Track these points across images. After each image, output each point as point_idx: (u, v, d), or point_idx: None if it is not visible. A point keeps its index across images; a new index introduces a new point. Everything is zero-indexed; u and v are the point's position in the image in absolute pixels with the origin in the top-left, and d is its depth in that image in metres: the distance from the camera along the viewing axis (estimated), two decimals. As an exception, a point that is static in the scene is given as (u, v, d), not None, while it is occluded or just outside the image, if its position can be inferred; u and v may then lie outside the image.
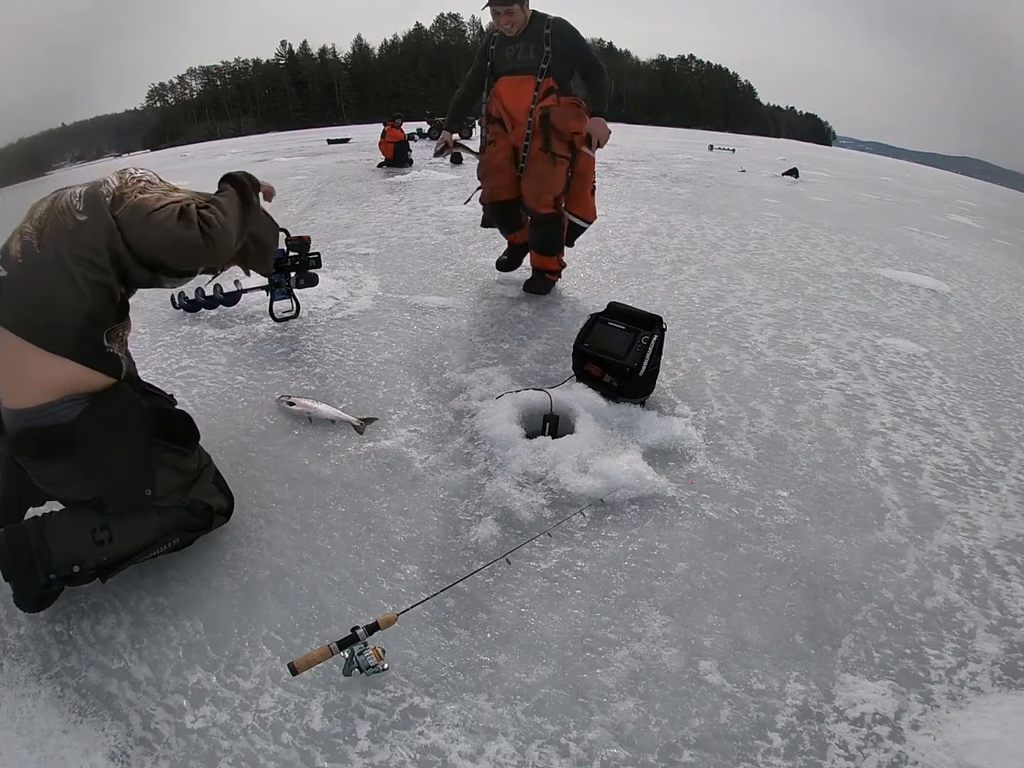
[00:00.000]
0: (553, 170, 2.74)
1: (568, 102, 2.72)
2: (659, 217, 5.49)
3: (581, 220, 3.00)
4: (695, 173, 10.03)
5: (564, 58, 2.66)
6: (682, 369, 2.43)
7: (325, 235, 4.48)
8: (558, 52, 2.65)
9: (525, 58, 2.70)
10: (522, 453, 1.79)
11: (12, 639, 1.29)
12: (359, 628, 1.17)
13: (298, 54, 74.77)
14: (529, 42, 2.69)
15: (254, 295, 2.84)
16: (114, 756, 1.07)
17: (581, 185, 2.89)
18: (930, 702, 1.18)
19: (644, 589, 1.41)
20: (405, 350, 2.52)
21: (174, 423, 1.43)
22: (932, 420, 2.20)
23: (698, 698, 1.18)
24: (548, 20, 2.68)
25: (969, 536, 1.62)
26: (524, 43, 2.70)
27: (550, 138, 2.70)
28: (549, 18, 2.69)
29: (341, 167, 9.84)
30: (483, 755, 1.08)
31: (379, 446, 1.88)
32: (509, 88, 2.78)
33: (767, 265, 4.10)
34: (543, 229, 2.94)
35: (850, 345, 2.80)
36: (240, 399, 2.12)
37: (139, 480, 1.31)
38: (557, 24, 2.68)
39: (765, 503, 1.69)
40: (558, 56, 2.66)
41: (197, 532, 1.45)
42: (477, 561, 1.46)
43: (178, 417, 1.46)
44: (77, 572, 1.25)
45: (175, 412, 1.48)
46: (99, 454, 1.25)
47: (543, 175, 2.75)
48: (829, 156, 26.77)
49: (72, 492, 1.30)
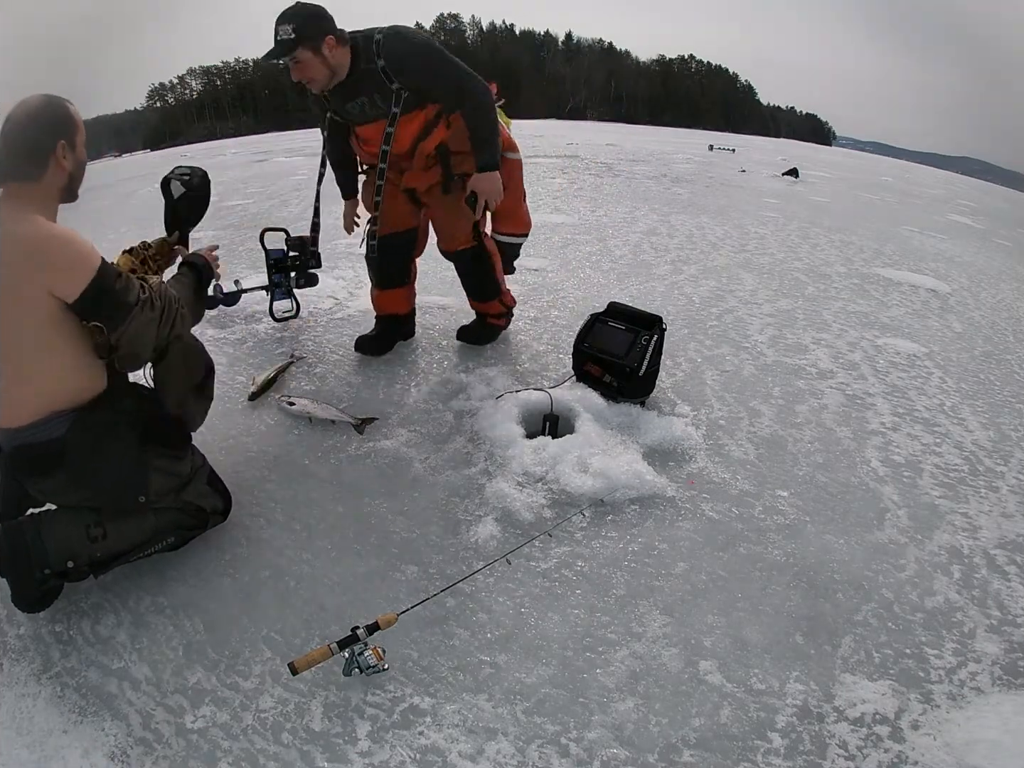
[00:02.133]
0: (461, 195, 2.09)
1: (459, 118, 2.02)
2: (659, 217, 5.48)
3: (511, 237, 2.45)
4: (695, 173, 10.02)
5: (421, 87, 1.93)
6: (682, 369, 2.43)
7: (325, 235, 4.46)
8: (410, 84, 1.91)
9: (375, 110, 1.97)
10: (522, 453, 1.79)
11: (12, 639, 1.29)
12: (359, 628, 1.17)
13: (298, 54, 74.59)
14: (367, 89, 1.92)
15: (254, 295, 2.84)
16: (114, 756, 1.07)
17: (513, 198, 2.27)
18: (930, 702, 1.18)
19: (644, 589, 1.41)
20: (405, 350, 2.51)
21: (165, 427, 1.42)
22: (932, 420, 2.20)
23: (698, 698, 1.18)
24: (378, 46, 1.88)
25: (969, 536, 1.62)
26: (363, 94, 1.94)
27: (450, 164, 2.12)
28: (378, 41, 1.88)
29: (341, 167, 9.82)
30: (483, 755, 1.08)
31: (379, 446, 1.88)
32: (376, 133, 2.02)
33: (767, 265, 4.10)
34: (469, 269, 2.38)
35: (850, 345, 2.80)
36: (240, 399, 2.12)
37: (131, 487, 1.32)
38: (389, 50, 1.88)
39: (765, 503, 1.69)
40: (414, 88, 1.92)
41: (193, 531, 1.45)
42: (477, 561, 1.46)
43: (168, 421, 1.45)
44: (71, 568, 1.26)
45: (165, 416, 1.45)
46: (90, 464, 1.26)
47: (451, 207, 2.17)
48: (829, 156, 26.74)
49: (70, 502, 1.32)
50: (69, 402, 1.24)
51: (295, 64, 1.84)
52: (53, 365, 1.22)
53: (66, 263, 1.17)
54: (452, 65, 1.95)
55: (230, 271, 3.51)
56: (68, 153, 1.21)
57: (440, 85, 1.95)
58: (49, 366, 1.21)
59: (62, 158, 1.20)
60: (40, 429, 1.22)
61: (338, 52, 1.86)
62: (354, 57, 1.90)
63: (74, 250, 1.18)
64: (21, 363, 1.21)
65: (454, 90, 1.96)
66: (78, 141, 1.24)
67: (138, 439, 1.33)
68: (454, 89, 1.96)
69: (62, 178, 1.22)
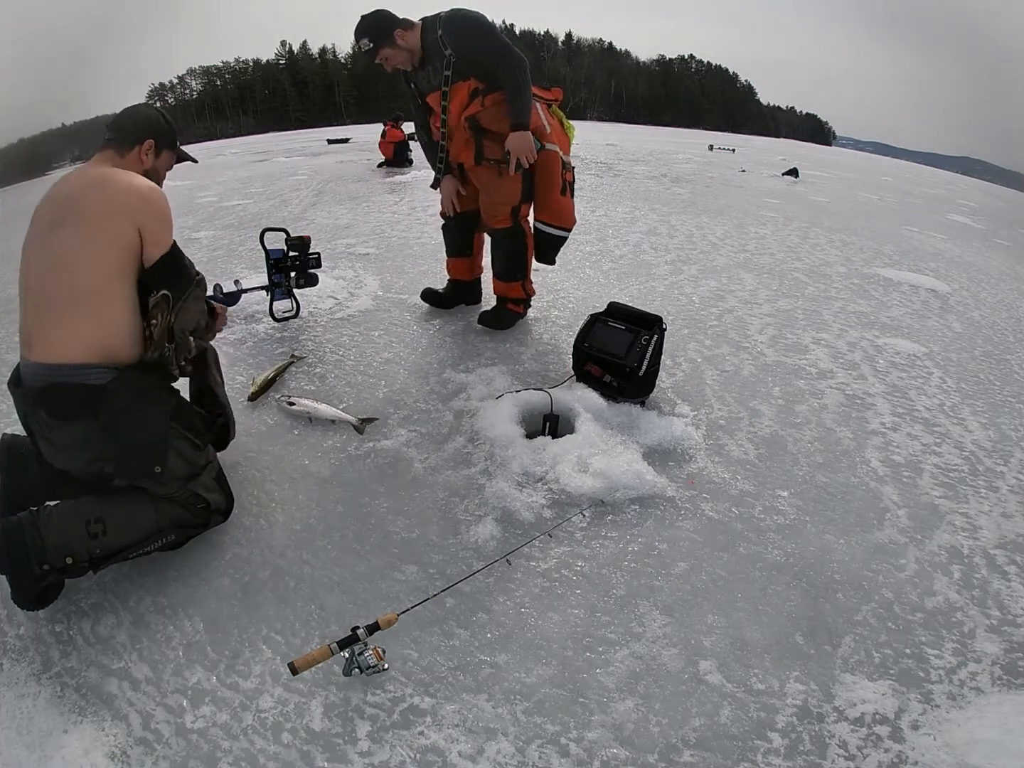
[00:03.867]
0: (499, 179, 2.39)
1: (496, 99, 2.32)
2: (659, 217, 5.48)
3: (553, 228, 2.54)
4: (695, 173, 10.02)
5: (467, 55, 2.27)
6: (682, 369, 2.43)
7: (325, 235, 4.48)
8: (459, 52, 2.27)
9: (436, 78, 2.35)
10: (522, 453, 1.79)
11: (12, 639, 1.29)
12: (359, 628, 1.17)
13: (298, 54, 74.79)
14: (431, 58, 2.33)
15: (254, 295, 2.85)
16: (114, 756, 1.08)
17: (547, 186, 2.47)
18: (930, 702, 1.18)
19: (644, 589, 1.41)
20: (405, 350, 2.52)
21: (191, 414, 1.51)
22: (932, 420, 2.20)
23: (698, 698, 1.18)
24: (440, 20, 2.29)
25: (969, 536, 1.62)
26: (428, 64, 2.35)
27: (483, 145, 2.37)
28: (440, 17, 2.30)
29: (341, 167, 9.83)
30: (483, 755, 1.08)
31: (379, 446, 1.88)
32: (436, 103, 2.43)
33: (767, 265, 4.10)
34: (499, 246, 2.59)
35: (850, 345, 2.80)
36: (240, 399, 2.12)
37: (153, 453, 1.35)
38: (446, 21, 2.28)
39: (765, 503, 1.69)
40: (461, 56, 2.27)
41: (193, 530, 1.46)
42: (477, 561, 1.46)
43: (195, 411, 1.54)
44: (70, 564, 1.26)
45: (192, 406, 1.57)
46: (123, 419, 1.31)
47: (487, 186, 2.45)
48: (829, 156, 26.75)
49: (81, 459, 1.32)
50: (110, 358, 1.31)
51: (384, 61, 2.33)
52: (106, 318, 1.31)
53: (166, 217, 1.38)
54: (497, 36, 2.31)
55: (230, 271, 3.52)
56: (151, 153, 1.48)
57: (484, 49, 2.27)
58: (103, 317, 1.30)
59: (145, 153, 1.47)
60: (84, 372, 1.28)
61: (408, 36, 2.31)
62: (424, 33, 2.32)
63: (169, 210, 1.40)
64: (77, 306, 1.28)
65: (495, 54, 2.26)
66: (164, 153, 1.52)
67: (168, 415, 1.40)
68: (495, 53, 2.26)
69: (138, 168, 1.45)
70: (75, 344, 1.28)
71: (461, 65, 2.28)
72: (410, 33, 2.30)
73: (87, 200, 1.32)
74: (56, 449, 1.32)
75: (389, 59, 2.33)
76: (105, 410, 1.28)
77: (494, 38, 2.27)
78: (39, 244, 1.33)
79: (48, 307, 1.29)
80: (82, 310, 1.28)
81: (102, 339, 1.30)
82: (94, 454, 1.31)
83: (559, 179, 2.47)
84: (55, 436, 1.30)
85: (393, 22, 2.30)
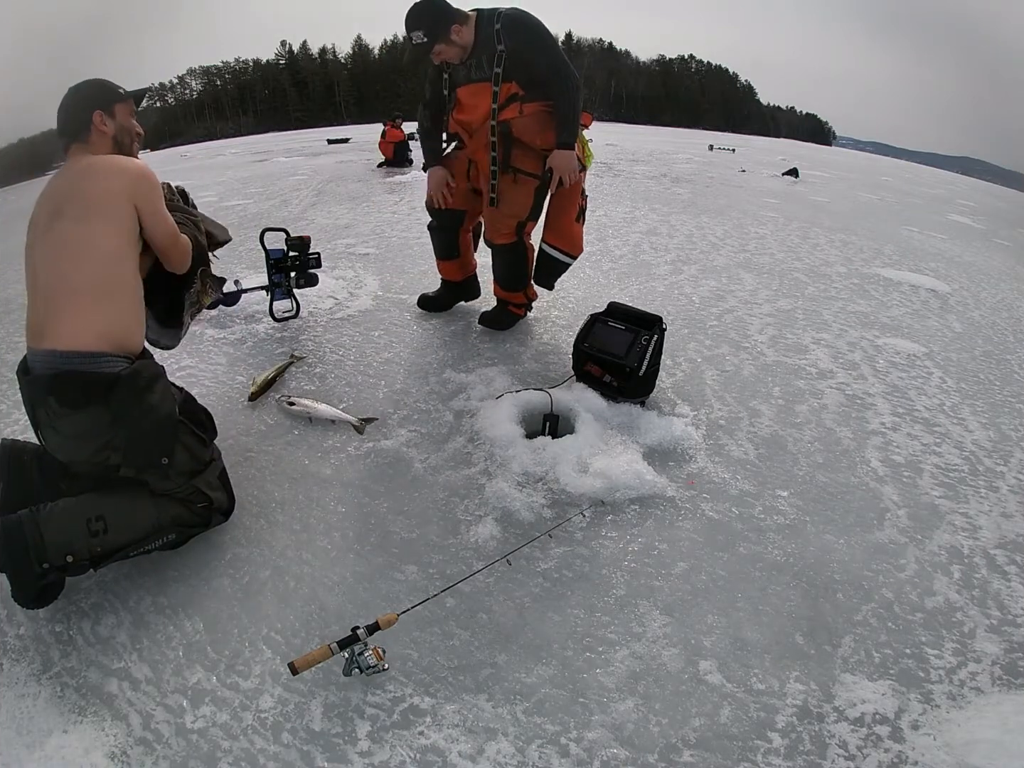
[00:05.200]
0: (514, 189, 2.31)
1: (535, 110, 2.24)
2: (659, 217, 5.49)
3: (560, 253, 2.47)
4: (695, 173, 10.03)
5: (522, 58, 2.18)
6: (682, 369, 2.43)
7: (325, 235, 4.48)
8: (513, 51, 2.16)
9: (480, 72, 2.24)
10: (522, 453, 1.79)
11: (12, 639, 1.29)
12: (359, 628, 1.17)
13: (298, 54, 74.81)
14: (480, 51, 2.21)
15: (254, 295, 2.85)
16: (114, 756, 1.08)
17: (561, 209, 2.40)
18: (930, 702, 1.18)
19: (644, 589, 1.41)
20: (405, 350, 2.52)
21: (198, 412, 1.55)
22: (932, 420, 2.20)
23: (698, 698, 1.18)
24: (497, 14, 2.17)
25: (969, 536, 1.62)
26: (476, 57, 2.23)
27: (511, 153, 2.27)
28: (499, 12, 2.17)
29: (341, 167, 9.84)
30: (483, 755, 1.08)
31: (379, 446, 1.88)
32: (467, 97, 2.31)
33: (767, 265, 4.10)
34: (502, 260, 2.52)
35: (850, 345, 2.80)
36: (240, 399, 2.12)
37: (161, 443, 1.37)
38: (508, 18, 2.16)
39: (765, 503, 1.69)
40: (514, 56, 2.17)
41: (194, 529, 1.46)
42: (477, 561, 1.46)
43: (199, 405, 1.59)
44: (71, 562, 1.26)
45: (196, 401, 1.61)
46: (134, 408, 1.32)
47: (501, 195, 2.34)
48: (829, 156, 26.76)
49: (88, 449, 1.32)
50: (121, 347, 1.34)
51: (435, 55, 2.20)
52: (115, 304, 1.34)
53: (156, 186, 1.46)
54: (559, 50, 2.22)
55: (230, 271, 3.52)
56: (106, 120, 1.46)
57: (540, 56, 2.18)
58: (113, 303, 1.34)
59: (101, 125, 1.45)
60: (98, 360, 1.29)
61: (464, 32, 2.19)
62: (478, 26, 2.20)
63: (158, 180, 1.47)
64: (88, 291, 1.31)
65: (553, 69, 2.18)
66: (116, 108, 1.48)
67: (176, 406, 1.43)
68: (553, 68, 2.18)
69: (107, 140, 1.46)
70: (86, 332, 1.29)
71: (510, 65, 2.18)
72: (466, 28, 2.19)
73: (80, 189, 1.35)
74: (63, 439, 1.31)
75: (441, 55, 2.21)
76: (116, 398, 1.29)
77: (556, 52, 2.20)
78: (42, 240, 1.35)
79: (59, 295, 1.30)
80: (92, 295, 1.31)
81: (113, 327, 1.33)
82: (101, 443, 1.30)
83: (576, 204, 2.41)
84: (63, 425, 1.29)
85: (451, 15, 2.17)
